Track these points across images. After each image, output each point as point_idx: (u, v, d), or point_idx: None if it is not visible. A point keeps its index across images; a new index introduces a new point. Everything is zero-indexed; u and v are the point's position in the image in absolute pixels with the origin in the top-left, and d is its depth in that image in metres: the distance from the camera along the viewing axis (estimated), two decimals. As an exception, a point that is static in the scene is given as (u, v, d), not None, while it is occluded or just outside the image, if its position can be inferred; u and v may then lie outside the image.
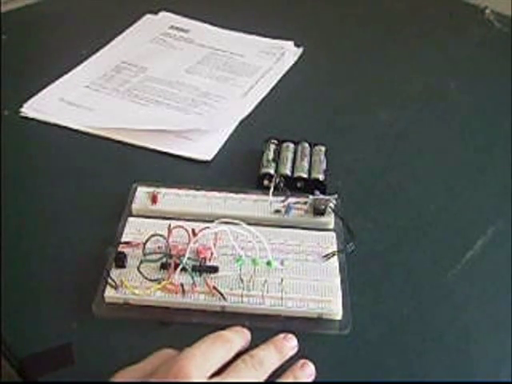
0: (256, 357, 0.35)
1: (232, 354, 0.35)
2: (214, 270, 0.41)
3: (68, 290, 0.41)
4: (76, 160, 0.54)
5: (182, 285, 0.40)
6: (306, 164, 0.51)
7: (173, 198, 0.47)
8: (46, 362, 0.37)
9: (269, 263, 0.42)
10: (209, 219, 0.44)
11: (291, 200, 0.47)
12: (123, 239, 0.43)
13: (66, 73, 0.65)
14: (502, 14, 0.80)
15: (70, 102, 0.61)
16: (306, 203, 0.47)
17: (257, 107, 0.61)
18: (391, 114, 0.61)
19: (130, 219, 0.45)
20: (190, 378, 0.31)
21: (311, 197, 0.47)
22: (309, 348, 0.38)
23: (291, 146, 0.53)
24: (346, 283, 0.41)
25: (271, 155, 0.52)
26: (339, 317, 0.40)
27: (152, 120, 0.58)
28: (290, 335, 0.38)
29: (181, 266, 0.40)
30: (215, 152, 0.55)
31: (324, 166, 0.51)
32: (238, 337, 0.37)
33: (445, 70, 0.70)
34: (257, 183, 0.50)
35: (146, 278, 0.40)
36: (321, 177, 0.50)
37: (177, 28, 0.76)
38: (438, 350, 0.39)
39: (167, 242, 0.43)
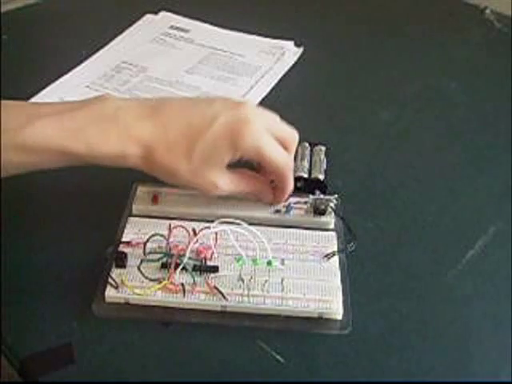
0: None
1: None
2: (215, 269, 0.41)
3: (68, 290, 0.41)
4: (76, 160, 0.54)
5: (182, 284, 0.40)
6: (306, 164, 0.51)
7: (173, 198, 0.47)
8: (47, 362, 0.37)
9: (269, 263, 0.42)
10: (209, 219, 0.44)
11: (292, 200, 0.47)
12: (124, 239, 0.43)
13: (65, 73, 0.65)
14: (502, 14, 0.80)
15: (70, 101, 0.61)
16: (306, 203, 0.47)
17: (257, 107, 0.61)
18: (391, 114, 0.61)
19: (131, 219, 0.45)
20: None
21: (312, 197, 0.47)
22: (309, 348, 0.38)
23: (291, 145, 0.53)
24: (346, 283, 0.41)
25: (271, 155, 0.51)
26: (339, 316, 0.40)
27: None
28: None
29: (181, 266, 0.40)
30: (215, 152, 0.54)
31: (324, 165, 0.51)
32: None
33: (445, 70, 0.70)
34: (257, 183, 0.50)
35: (147, 278, 0.40)
36: (321, 177, 0.50)
37: (177, 28, 0.76)
38: (438, 349, 0.39)
39: (168, 241, 0.42)
